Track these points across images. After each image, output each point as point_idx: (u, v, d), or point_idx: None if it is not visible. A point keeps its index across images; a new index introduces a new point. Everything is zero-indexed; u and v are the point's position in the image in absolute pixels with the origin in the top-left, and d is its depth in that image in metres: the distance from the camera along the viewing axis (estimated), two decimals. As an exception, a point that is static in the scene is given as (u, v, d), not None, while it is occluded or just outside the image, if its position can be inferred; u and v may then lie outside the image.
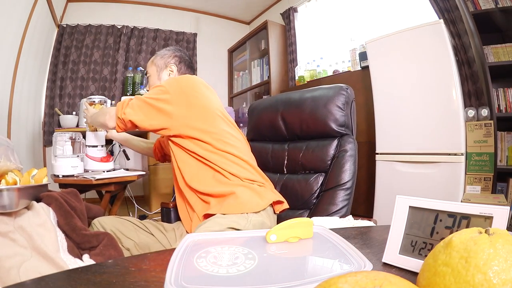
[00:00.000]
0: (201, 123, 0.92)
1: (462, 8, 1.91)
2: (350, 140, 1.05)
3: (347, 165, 1.02)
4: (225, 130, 0.95)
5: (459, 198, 1.65)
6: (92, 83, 3.10)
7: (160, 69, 1.11)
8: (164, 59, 1.11)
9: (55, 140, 1.37)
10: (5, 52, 1.94)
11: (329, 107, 1.08)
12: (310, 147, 1.12)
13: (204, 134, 0.91)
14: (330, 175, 1.04)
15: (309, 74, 2.87)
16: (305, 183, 1.08)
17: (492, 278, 0.21)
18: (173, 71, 1.11)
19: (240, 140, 0.99)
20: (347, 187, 1.00)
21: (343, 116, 1.06)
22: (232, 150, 0.93)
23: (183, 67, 1.13)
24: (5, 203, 0.56)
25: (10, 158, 0.68)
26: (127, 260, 0.41)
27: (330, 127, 1.07)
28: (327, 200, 1.00)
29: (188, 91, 0.93)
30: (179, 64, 1.12)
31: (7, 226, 0.56)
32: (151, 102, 0.91)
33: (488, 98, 1.82)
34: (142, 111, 0.91)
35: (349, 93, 1.09)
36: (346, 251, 0.38)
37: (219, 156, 0.91)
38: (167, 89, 0.91)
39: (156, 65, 1.11)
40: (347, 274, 0.21)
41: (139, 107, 0.92)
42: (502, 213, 0.31)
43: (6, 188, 0.56)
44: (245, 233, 0.47)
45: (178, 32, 3.54)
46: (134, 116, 0.91)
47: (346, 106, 1.07)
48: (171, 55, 1.12)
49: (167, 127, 0.91)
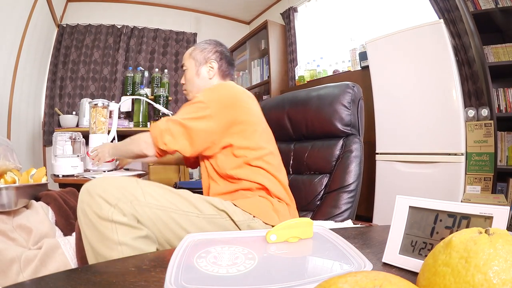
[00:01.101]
0: (240, 139, 0.87)
1: (462, 8, 1.91)
2: (356, 141, 1.02)
3: (352, 166, 0.98)
4: (263, 146, 0.90)
5: (459, 198, 1.65)
6: (92, 83, 3.10)
7: (199, 63, 1.02)
8: (204, 54, 1.02)
9: (55, 140, 1.37)
10: (5, 52, 1.93)
11: (334, 106, 1.04)
12: (315, 147, 1.09)
13: (240, 150, 0.87)
14: (334, 177, 1.00)
15: (309, 74, 2.87)
16: (309, 184, 1.05)
17: (492, 278, 0.21)
18: (213, 68, 1.02)
19: (276, 156, 0.95)
20: (351, 189, 0.97)
21: (348, 115, 1.02)
22: (266, 166, 0.88)
23: (224, 64, 1.04)
24: (4, 201, 0.56)
25: (9, 158, 0.68)
26: (127, 260, 0.41)
27: (335, 126, 1.03)
28: (329, 203, 0.97)
29: (228, 103, 0.87)
30: (220, 60, 1.03)
31: (6, 225, 0.56)
32: (191, 125, 0.83)
33: (488, 98, 1.82)
34: (184, 136, 0.83)
35: (356, 91, 1.05)
36: (346, 251, 0.38)
37: (251, 171, 0.87)
38: (206, 104, 0.85)
39: (195, 59, 1.02)
40: (347, 274, 0.21)
41: (180, 133, 0.83)
42: (502, 213, 0.31)
43: (5, 187, 0.56)
44: (245, 233, 0.47)
45: (178, 32, 3.54)
46: (177, 146, 0.83)
47: (352, 104, 1.03)
48: (211, 50, 1.03)
49: (209, 145, 0.86)
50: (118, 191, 0.60)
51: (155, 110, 2.82)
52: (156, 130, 0.85)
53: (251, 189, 0.86)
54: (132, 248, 0.56)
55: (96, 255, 0.56)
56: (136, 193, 0.62)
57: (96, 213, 0.57)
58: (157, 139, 0.84)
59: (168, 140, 0.83)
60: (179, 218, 0.65)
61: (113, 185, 0.61)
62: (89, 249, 0.57)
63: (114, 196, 0.59)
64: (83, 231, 0.58)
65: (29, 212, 0.63)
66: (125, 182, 0.64)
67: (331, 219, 0.93)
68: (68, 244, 0.61)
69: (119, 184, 0.62)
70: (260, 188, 0.86)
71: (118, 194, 0.60)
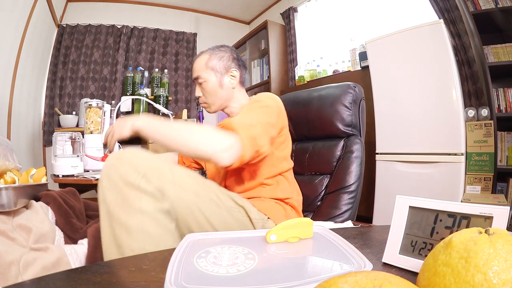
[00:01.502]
0: (279, 149, 0.87)
1: (462, 8, 1.91)
2: (357, 141, 1.01)
3: (352, 167, 0.98)
4: (289, 157, 0.91)
5: (459, 198, 1.65)
6: (92, 83, 3.10)
7: (220, 74, 0.93)
8: (224, 62, 0.94)
9: (55, 140, 1.37)
10: (5, 52, 1.93)
11: (335, 107, 1.03)
12: (316, 148, 1.08)
13: (277, 161, 0.87)
14: (335, 177, 1.00)
15: (309, 74, 2.87)
16: (310, 185, 1.04)
17: (492, 278, 0.21)
18: (235, 77, 0.95)
19: (290, 164, 0.94)
20: (351, 190, 0.96)
21: (350, 116, 1.02)
22: (290, 177, 0.90)
23: (243, 72, 0.99)
24: (3, 202, 0.56)
25: (9, 158, 0.68)
26: (127, 260, 0.41)
27: (336, 127, 1.03)
28: (330, 204, 0.97)
29: (282, 115, 0.87)
30: (239, 68, 0.96)
31: (6, 225, 0.56)
32: (268, 129, 0.78)
33: (488, 98, 1.82)
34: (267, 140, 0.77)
35: (357, 92, 1.04)
36: (346, 251, 0.38)
37: (280, 182, 0.87)
38: (273, 109, 0.83)
39: (214, 69, 0.93)
40: (347, 274, 0.21)
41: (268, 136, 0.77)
42: (502, 213, 0.31)
43: (4, 187, 0.56)
44: (245, 233, 0.47)
45: (178, 32, 3.54)
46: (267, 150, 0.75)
47: (353, 105, 1.02)
48: (229, 58, 0.95)
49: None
50: (148, 162, 0.59)
51: (155, 110, 2.82)
52: (247, 131, 0.71)
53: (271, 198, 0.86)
54: (152, 219, 0.55)
55: (112, 220, 0.55)
56: (164, 170, 0.61)
57: (122, 177, 0.56)
58: (252, 141, 0.71)
59: (263, 143, 0.73)
60: (202, 204, 0.64)
61: (143, 156, 0.60)
62: (105, 213, 0.56)
63: (143, 166, 0.58)
64: (103, 195, 0.56)
65: (29, 212, 0.63)
66: (155, 157, 0.62)
67: (331, 219, 0.93)
68: (75, 254, 0.61)
69: (149, 157, 0.61)
70: (281, 199, 0.86)
71: (147, 165, 0.59)
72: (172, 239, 0.58)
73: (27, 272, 0.51)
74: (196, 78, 0.94)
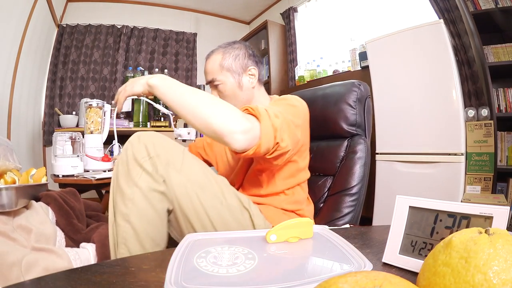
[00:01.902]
0: (301, 157, 0.84)
1: (462, 8, 1.91)
2: (361, 141, 0.98)
3: (355, 168, 0.94)
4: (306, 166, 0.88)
5: (459, 198, 1.65)
6: (92, 83, 3.10)
7: (238, 74, 0.85)
8: (240, 61, 0.86)
9: (55, 140, 1.37)
10: (5, 52, 1.93)
11: (339, 105, 1.00)
12: (320, 148, 1.06)
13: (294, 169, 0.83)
14: (337, 179, 0.97)
15: (309, 74, 2.87)
16: (313, 186, 1.01)
17: (492, 278, 0.21)
18: (254, 76, 0.88)
19: (308, 174, 0.91)
20: (353, 192, 0.92)
21: (354, 115, 0.98)
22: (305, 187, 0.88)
23: (261, 68, 0.91)
24: (4, 202, 0.56)
25: (9, 158, 0.68)
26: (127, 260, 0.41)
27: (340, 126, 1.00)
28: (331, 206, 0.94)
29: (307, 120, 0.83)
30: (257, 65, 0.89)
31: (6, 226, 0.56)
32: (293, 128, 0.72)
33: (488, 98, 1.82)
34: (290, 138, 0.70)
35: (363, 90, 1.00)
36: (346, 251, 0.38)
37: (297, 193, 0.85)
38: (299, 110, 0.77)
39: (230, 70, 0.85)
40: (347, 274, 0.21)
41: (291, 132, 0.70)
42: (502, 213, 0.31)
43: (5, 187, 0.56)
44: (245, 233, 0.47)
45: (178, 32, 3.54)
46: (291, 146, 0.70)
47: (358, 103, 0.99)
48: (245, 54, 0.87)
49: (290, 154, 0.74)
50: (162, 148, 0.63)
51: (155, 110, 2.82)
52: (272, 119, 0.64)
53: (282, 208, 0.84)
54: (143, 194, 0.60)
55: (116, 184, 0.62)
56: (176, 158, 0.64)
57: (133, 154, 0.61)
58: (274, 132, 0.64)
59: (286, 138, 0.66)
60: (204, 197, 0.65)
61: (160, 141, 0.64)
62: (114, 178, 0.63)
63: (155, 150, 0.62)
64: (116, 165, 0.64)
65: (29, 213, 0.63)
66: (172, 144, 0.66)
67: (332, 222, 0.90)
68: (79, 260, 0.61)
69: (166, 143, 0.65)
70: (292, 210, 0.84)
71: (160, 151, 0.62)
72: (157, 218, 0.62)
73: (29, 273, 0.51)
74: (210, 81, 0.86)
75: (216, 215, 0.66)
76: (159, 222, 0.63)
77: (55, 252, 0.56)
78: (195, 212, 0.64)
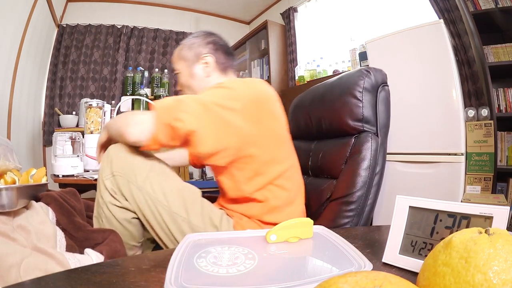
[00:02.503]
0: (262, 148, 0.73)
1: (462, 8, 1.91)
2: (368, 139, 0.82)
3: (357, 171, 0.79)
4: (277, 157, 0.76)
5: (459, 198, 1.65)
6: (92, 83, 3.10)
7: (191, 62, 0.85)
8: (194, 49, 0.85)
9: (55, 140, 1.37)
10: (5, 52, 1.93)
11: (343, 98, 0.86)
12: (327, 147, 0.93)
13: (257, 164, 0.73)
14: (339, 183, 0.84)
15: (309, 74, 2.87)
16: (318, 190, 0.90)
17: (492, 278, 0.21)
18: (208, 64, 0.84)
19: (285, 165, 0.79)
20: (352, 200, 0.78)
21: (359, 108, 0.83)
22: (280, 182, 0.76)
23: (222, 57, 0.86)
24: (4, 202, 0.56)
25: (9, 158, 0.68)
26: (127, 260, 0.41)
27: (345, 122, 0.86)
28: (327, 214, 0.82)
29: (262, 104, 0.72)
30: (216, 52, 0.85)
31: (6, 226, 0.56)
32: (219, 112, 0.65)
33: (488, 98, 1.82)
34: (206, 125, 0.64)
35: (372, 78, 0.85)
36: (346, 251, 0.38)
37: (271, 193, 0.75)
38: (236, 93, 0.69)
39: (185, 58, 0.85)
40: (347, 274, 0.21)
41: (202, 113, 0.64)
42: (502, 213, 0.31)
43: (5, 187, 0.56)
44: (245, 233, 0.47)
45: (178, 32, 3.54)
46: (197, 126, 0.62)
47: (365, 94, 0.84)
48: (201, 43, 0.85)
49: (232, 152, 0.69)
50: (126, 164, 0.68)
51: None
52: (162, 104, 0.65)
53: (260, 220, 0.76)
54: (107, 207, 0.70)
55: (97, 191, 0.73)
56: (139, 175, 0.68)
57: (101, 170, 0.71)
58: (164, 114, 0.63)
59: (185, 118, 0.62)
60: (165, 214, 0.69)
61: (126, 157, 0.69)
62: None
63: (118, 167, 0.69)
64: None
65: (29, 213, 0.63)
66: (138, 160, 0.70)
67: None
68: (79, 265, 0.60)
69: (132, 159, 0.70)
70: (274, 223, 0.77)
71: (123, 168, 0.68)
72: (121, 226, 0.71)
73: (27, 277, 0.51)
74: (173, 70, 0.90)
75: (177, 230, 0.70)
76: (123, 230, 0.71)
77: (56, 257, 0.56)
78: (158, 224, 0.70)
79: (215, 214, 0.74)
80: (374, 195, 0.82)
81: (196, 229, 0.69)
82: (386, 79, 0.89)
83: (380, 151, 0.82)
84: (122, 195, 0.69)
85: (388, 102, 0.89)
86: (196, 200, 0.73)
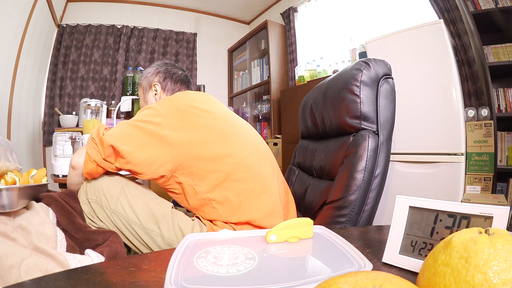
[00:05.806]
0: (213, 148, 0.72)
1: (462, 8, 1.91)
2: (365, 138, 0.74)
3: (351, 173, 0.72)
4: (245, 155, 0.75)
5: (459, 198, 1.65)
6: (92, 83, 3.10)
7: (145, 90, 0.96)
8: (148, 79, 0.96)
9: (55, 140, 1.37)
10: (5, 52, 1.93)
11: (340, 94, 0.80)
12: (329, 147, 0.88)
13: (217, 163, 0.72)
14: (334, 185, 0.77)
15: (309, 74, 2.87)
16: (317, 192, 0.85)
17: (492, 278, 0.21)
18: (157, 91, 0.94)
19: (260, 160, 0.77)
20: (343, 205, 0.70)
21: (356, 104, 0.76)
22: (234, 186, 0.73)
23: (169, 83, 0.94)
24: (4, 202, 0.56)
25: (9, 159, 0.68)
26: (127, 260, 0.41)
27: (342, 120, 0.80)
28: (321, 218, 0.75)
29: (186, 110, 0.74)
30: (164, 81, 0.94)
31: (7, 226, 0.56)
32: (140, 125, 0.71)
33: (488, 98, 1.82)
34: (129, 137, 0.71)
35: (371, 70, 0.77)
36: (346, 251, 0.38)
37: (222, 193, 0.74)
38: (158, 110, 0.73)
39: (142, 86, 0.97)
40: (347, 274, 0.21)
41: (122, 131, 0.72)
42: (502, 213, 0.31)
43: (5, 188, 0.56)
44: (245, 233, 0.47)
45: (178, 32, 3.54)
46: (117, 142, 0.69)
47: (363, 88, 0.76)
48: (154, 72, 0.95)
49: (167, 159, 0.71)
50: (99, 189, 0.74)
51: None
52: (94, 129, 0.74)
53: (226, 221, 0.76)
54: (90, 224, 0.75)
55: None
56: (112, 199, 0.73)
57: (79, 195, 0.76)
58: (94, 133, 0.73)
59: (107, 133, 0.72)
60: (140, 231, 0.73)
61: (98, 182, 0.75)
62: None
63: (91, 193, 0.75)
64: None
65: (30, 213, 0.63)
66: (110, 185, 0.75)
67: None
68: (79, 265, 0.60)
69: (104, 183, 0.75)
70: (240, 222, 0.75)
71: (97, 193, 0.74)
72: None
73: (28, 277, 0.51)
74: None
75: (154, 244, 0.74)
76: None
77: (56, 258, 0.56)
78: (137, 240, 0.74)
79: (186, 225, 0.74)
80: (374, 200, 0.73)
81: (170, 243, 0.74)
82: (389, 71, 0.81)
83: (381, 151, 0.75)
84: (99, 219, 0.75)
85: (391, 95, 0.81)
86: (166, 214, 0.75)
